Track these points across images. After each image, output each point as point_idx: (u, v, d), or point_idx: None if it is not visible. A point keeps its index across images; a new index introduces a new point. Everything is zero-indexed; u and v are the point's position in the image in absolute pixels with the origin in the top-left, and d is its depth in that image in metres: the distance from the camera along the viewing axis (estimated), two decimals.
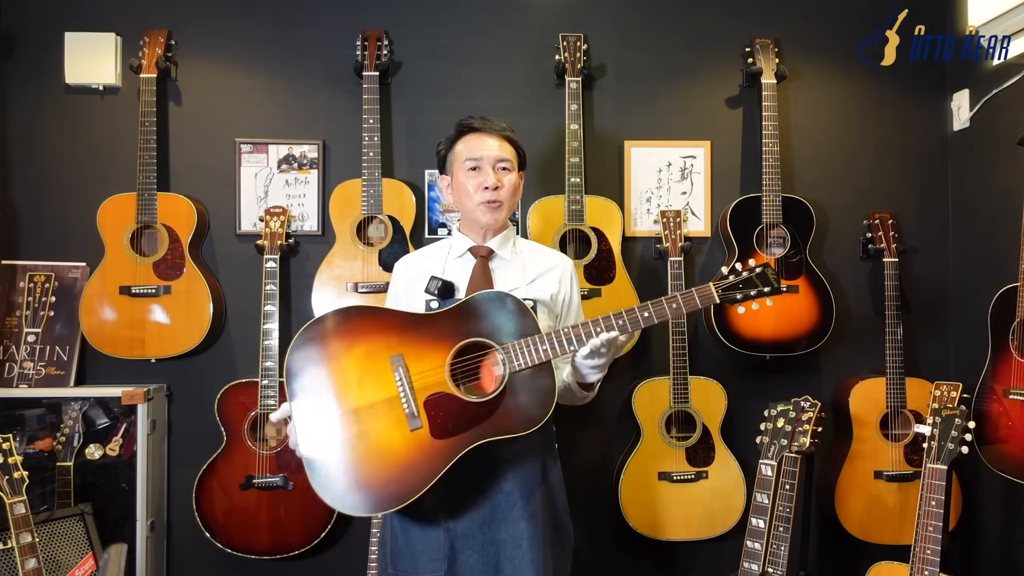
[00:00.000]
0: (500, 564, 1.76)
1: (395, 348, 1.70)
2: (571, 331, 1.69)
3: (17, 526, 2.16)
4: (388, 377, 1.68)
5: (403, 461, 1.65)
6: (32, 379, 2.71)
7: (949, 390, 2.35)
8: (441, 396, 1.68)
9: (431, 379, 1.69)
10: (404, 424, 1.66)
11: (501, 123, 1.94)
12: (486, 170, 1.88)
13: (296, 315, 2.88)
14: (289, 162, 2.90)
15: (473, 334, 1.71)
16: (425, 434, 1.66)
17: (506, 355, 1.69)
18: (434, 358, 1.70)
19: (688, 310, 1.70)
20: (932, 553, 2.12)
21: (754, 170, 2.87)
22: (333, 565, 2.85)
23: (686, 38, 2.98)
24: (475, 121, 1.92)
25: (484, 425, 1.67)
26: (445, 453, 1.65)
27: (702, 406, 2.75)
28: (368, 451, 1.65)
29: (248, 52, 2.91)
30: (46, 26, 2.84)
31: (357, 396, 1.67)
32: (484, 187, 1.86)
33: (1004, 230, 2.55)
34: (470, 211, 1.91)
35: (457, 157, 1.91)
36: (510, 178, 1.91)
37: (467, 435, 1.66)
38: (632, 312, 1.70)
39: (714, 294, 1.71)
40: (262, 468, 2.68)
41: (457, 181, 1.92)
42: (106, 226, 2.71)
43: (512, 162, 1.92)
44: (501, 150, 1.90)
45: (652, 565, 2.91)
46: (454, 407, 1.68)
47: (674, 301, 1.70)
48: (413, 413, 1.66)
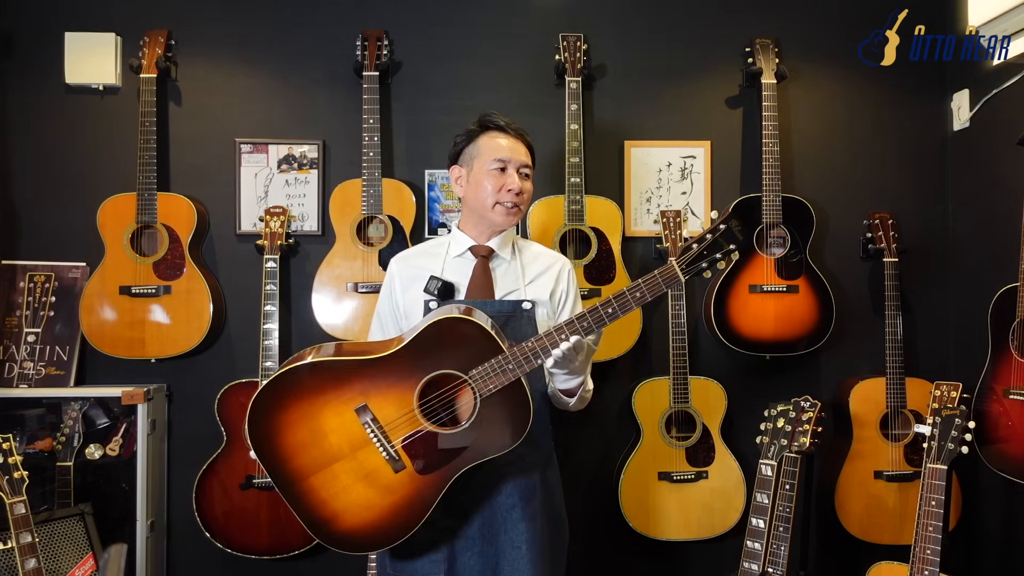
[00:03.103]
0: (499, 566, 1.76)
1: (357, 399, 1.66)
2: (535, 344, 1.63)
3: (17, 526, 2.16)
4: (358, 428, 1.66)
5: (395, 502, 1.66)
6: (32, 379, 2.71)
7: (949, 390, 2.35)
8: (418, 435, 1.66)
9: (403, 421, 1.66)
10: (387, 468, 1.66)
11: (521, 128, 1.93)
12: (512, 173, 1.86)
13: (296, 315, 2.88)
14: (289, 162, 2.90)
15: (434, 368, 1.65)
16: (410, 472, 1.66)
17: (473, 383, 1.64)
18: (401, 400, 1.66)
19: (653, 295, 1.63)
20: (932, 553, 2.12)
21: (754, 170, 2.87)
22: (333, 565, 2.85)
23: (686, 38, 2.98)
24: (500, 120, 1.90)
25: (466, 453, 1.65)
26: (434, 486, 1.65)
27: (702, 406, 2.75)
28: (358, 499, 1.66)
29: (248, 52, 2.91)
30: (46, 26, 2.84)
31: (331, 454, 1.66)
32: (508, 189, 1.85)
33: (1004, 230, 2.55)
34: (483, 208, 1.88)
35: (480, 152, 1.88)
36: (528, 185, 1.91)
37: (453, 464, 1.65)
38: (595, 311, 1.63)
39: (678, 272, 1.62)
40: (262, 468, 2.68)
41: (475, 177, 1.88)
42: (106, 226, 2.71)
43: (531, 170, 1.92)
44: (526, 156, 1.91)
45: (652, 565, 2.91)
46: (434, 442, 1.66)
47: (637, 290, 1.63)
48: (393, 457, 1.66)
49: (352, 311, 2.72)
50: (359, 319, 2.72)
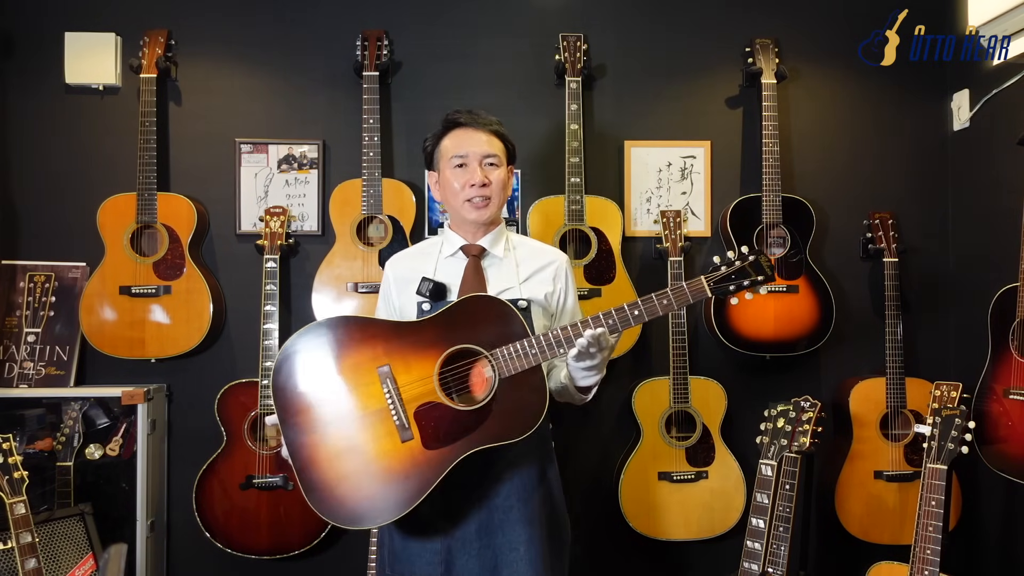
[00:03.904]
0: (498, 568, 1.75)
1: (382, 359, 1.67)
2: (560, 332, 1.65)
3: (17, 526, 2.16)
4: (376, 389, 1.65)
5: (395, 473, 1.63)
6: (32, 379, 2.71)
7: (949, 390, 2.35)
8: (431, 406, 1.65)
9: (420, 389, 1.66)
10: (395, 436, 1.64)
11: (489, 117, 1.88)
12: (473, 167, 1.82)
13: (296, 315, 2.88)
14: (289, 162, 2.90)
15: (461, 341, 1.67)
16: (417, 445, 1.64)
17: (495, 361, 1.65)
18: (422, 367, 1.67)
19: (680, 306, 1.66)
20: (932, 553, 2.12)
21: (754, 170, 2.87)
22: (333, 565, 2.85)
23: (686, 38, 2.98)
24: (461, 116, 1.86)
25: (476, 434, 1.64)
26: (438, 463, 1.63)
27: (702, 406, 2.75)
28: (359, 464, 1.63)
29: (248, 52, 2.91)
30: (46, 26, 2.84)
31: (345, 410, 1.65)
32: (471, 184, 1.82)
33: (1004, 230, 2.55)
34: (456, 208, 1.86)
35: (443, 153, 1.86)
36: (498, 174, 1.85)
37: (459, 444, 1.64)
38: (622, 310, 1.65)
39: (706, 287, 1.66)
40: (262, 468, 2.68)
41: (444, 178, 1.86)
42: (106, 226, 2.71)
43: (500, 157, 1.86)
44: (489, 145, 1.84)
45: (652, 565, 2.91)
46: (445, 417, 1.65)
47: (664, 297, 1.65)
48: (403, 424, 1.64)
49: (352, 311, 2.72)
50: None
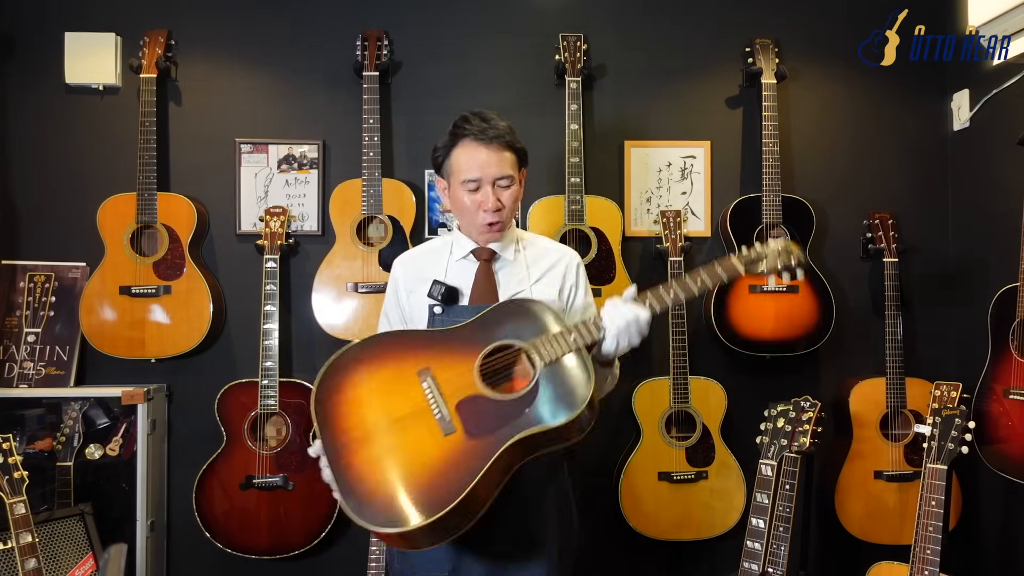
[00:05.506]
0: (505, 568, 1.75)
1: (422, 363, 1.68)
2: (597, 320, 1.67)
3: (17, 526, 2.15)
4: (417, 390, 1.66)
5: (441, 465, 1.59)
6: (32, 379, 2.71)
7: (949, 390, 2.35)
8: (472, 398, 1.64)
9: (460, 383, 1.66)
10: (437, 432, 1.62)
11: (500, 124, 1.81)
12: (486, 190, 1.79)
13: (296, 315, 2.88)
14: (289, 162, 2.90)
15: (498, 339, 1.68)
16: (460, 436, 1.62)
17: (535, 350, 1.65)
18: (462, 365, 1.67)
19: (715, 283, 1.70)
20: (932, 553, 2.12)
21: (754, 170, 2.87)
22: (333, 565, 2.85)
23: (686, 38, 2.98)
24: (472, 126, 1.79)
25: (520, 420, 1.61)
26: (484, 452, 1.59)
27: (702, 406, 2.75)
28: (403, 461, 1.61)
29: (248, 52, 2.91)
30: (46, 26, 2.84)
31: (387, 414, 1.65)
32: (484, 209, 1.79)
33: (1004, 230, 2.55)
34: (467, 227, 1.86)
35: (455, 169, 1.81)
36: (511, 192, 1.82)
37: (503, 431, 1.60)
38: (656, 290, 1.68)
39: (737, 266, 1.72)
40: (262, 468, 2.68)
41: (455, 194, 1.83)
42: (106, 226, 2.71)
43: (513, 175, 1.82)
44: (500, 167, 1.78)
45: (652, 565, 2.91)
46: (488, 408, 1.63)
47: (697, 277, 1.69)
48: (445, 418, 1.63)
49: (352, 311, 2.72)
50: (359, 319, 2.72)
